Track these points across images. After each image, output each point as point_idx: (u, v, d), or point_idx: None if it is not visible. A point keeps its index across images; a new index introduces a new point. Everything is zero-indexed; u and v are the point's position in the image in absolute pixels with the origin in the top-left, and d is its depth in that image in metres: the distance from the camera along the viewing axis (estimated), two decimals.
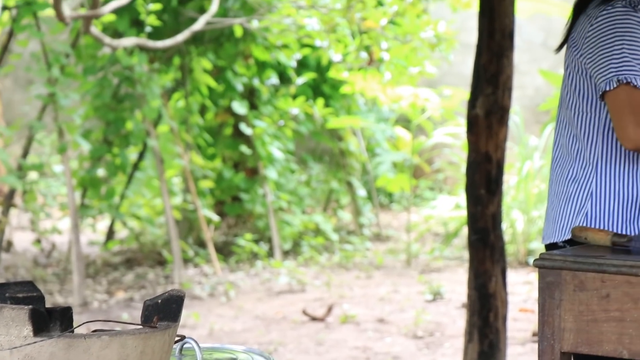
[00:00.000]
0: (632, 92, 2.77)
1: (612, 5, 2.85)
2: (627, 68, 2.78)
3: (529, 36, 10.92)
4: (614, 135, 2.88)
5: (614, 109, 2.80)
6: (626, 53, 2.79)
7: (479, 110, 4.86)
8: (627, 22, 2.82)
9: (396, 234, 9.70)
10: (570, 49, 2.94)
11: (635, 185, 2.90)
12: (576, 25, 2.94)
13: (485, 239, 4.87)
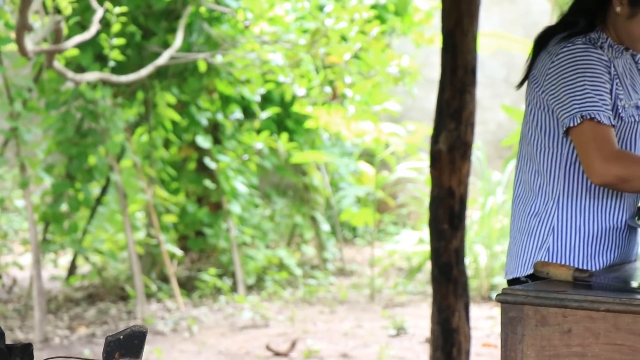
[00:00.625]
0: (596, 127, 2.80)
1: (572, 42, 2.88)
2: (590, 104, 2.81)
3: (491, 72, 11.01)
4: (576, 171, 2.91)
5: (580, 144, 2.83)
6: (588, 89, 2.82)
7: (442, 145, 4.88)
8: (588, 58, 2.85)
9: (360, 268, 9.70)
10: (532, 85, 2.97)
11: (596, 220, 2.92)
12: (537, 62, 2.97)
13: (448, 273, 4.88)
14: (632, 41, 2.94)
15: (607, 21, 2.94)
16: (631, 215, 2.96)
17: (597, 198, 2.92)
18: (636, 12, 2.88)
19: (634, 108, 2.92)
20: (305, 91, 8.40)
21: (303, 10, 8.37)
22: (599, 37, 2.92)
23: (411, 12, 9.12)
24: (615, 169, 2.77)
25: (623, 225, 2.93)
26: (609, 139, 2.80)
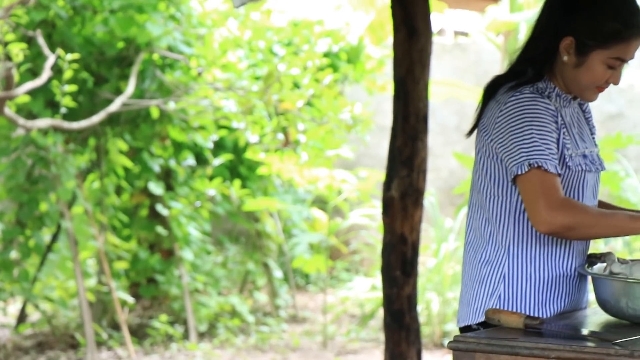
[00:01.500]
0: (543, 175, 2.82)
1: (520, 91, 2.90)
2: (537, 152, 2.83)
3: (443, 120, 11.09)
4: (525, 219, 2.93)
5: (526, 192, 2.85)
6: (536, 138, 2.84)
7: (394, 192, 4.91)
8: (535, 107, 2.88)
9: (312, 315, 9.67)
10: (481, 133, 2.99)
11: (546, 268, 2.94)
12: (486, 111, 2.99)
13: (400, 320, 4.88)
14: (580, 90, 2.97)
15: (555, 70, 2.97)
16: (581, 262, 2.98)
17: (548, 246, 2.93)
18: (583, 61, 2.91)
19: (581, 157, 2.95)
20: (258, 138, 8.40)
21: (256, 57, 8.40)
22: (547, 86, 2.96)
23: (363, 60, 9.18)
24: (561, 217, 2.79)
25: (573, 272, 2.95)
26: (555, 187, 2.82)
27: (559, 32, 2.92)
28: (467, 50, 11.21)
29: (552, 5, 2.97)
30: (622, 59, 2.90)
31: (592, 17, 2.89)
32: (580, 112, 3.09)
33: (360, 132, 8.29)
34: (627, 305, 2.71)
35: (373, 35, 9.35)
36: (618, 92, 10.47)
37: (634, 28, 2.88)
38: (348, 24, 9.42)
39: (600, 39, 2.88)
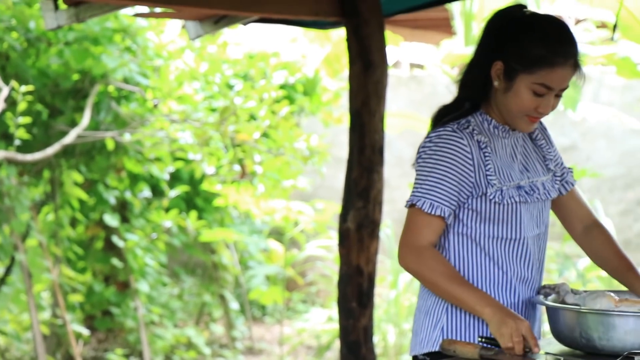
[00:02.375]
0: (415, 214, 2.95)
1: (438, 131, 2.97)
2: (422, 191, 2.93)
3: (399, 151, 11.14)
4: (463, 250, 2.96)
5: (404, 226, 2.98)
6: (430, 178, 2.94)
7: (350, 224, 4.92)
8: (446, 148, 2.95)
9: (269, 347, 9.64)
10: None
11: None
12: None
13: (357, 352, 4.88)
14: (512, 118, 2.99)
15: (491, 100, 3.01)
16: (530, 294, 3.00)
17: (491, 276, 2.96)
18: (510, 86, 2.94)
19: (514, 189, 2.97)
20: (215, 169, 8.39)
21: (212, 89, 8.41)
22: (483, 119, 2.99)
23: (319, 92, 9.21)
24: (409, 261, 2.93)
25: (518, 302, 2.98)
26: (420, 228, 2.92)
27: (492, 58, 2.96)
28: (423, 82, 11.29)
29: (487, 34, 3.01)
30: (547, 86, 2.91)
31: (520, 42, 2.92)
32: (527, 142, 3.11)
33: (317, 164, 8.31)
34: (581, 335, 2.73)
35: (329, 67, 9.39)
36: (571, 125, 10.58)
37: (559, 56, 2.90)
38: (304, 56, 9.45)
39: (525, 63, 2.90)
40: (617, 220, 10.23)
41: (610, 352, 2.68)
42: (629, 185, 10.60)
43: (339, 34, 9.16)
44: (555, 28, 2.94)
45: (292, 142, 8.14)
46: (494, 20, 3.01)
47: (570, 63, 2.91)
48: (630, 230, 10.55)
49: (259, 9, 4.97)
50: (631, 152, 10.58)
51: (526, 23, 2.95)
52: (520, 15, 2.97)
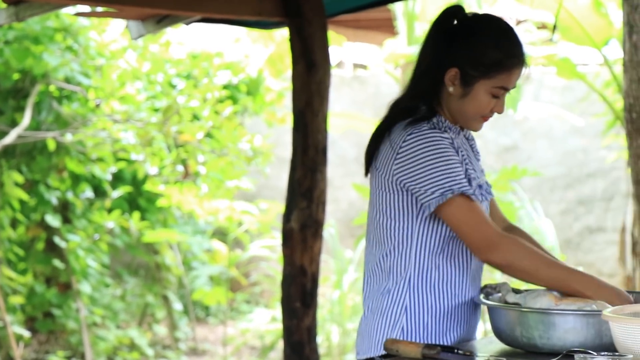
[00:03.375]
0: (469, 204, 2.86)
1: (417, 127, 2.92)
2: (456, 181, 2.86)
3: (342, 151, 11.16)
4: (425, 250, 2.96)
5: (457, 222, 2.88)
6: (449, 168, 2.86)
7: (293, 224, 4.92)
8: (438, 140, 2.90)
9: (212, 347, 9.61)
10: (377, 171, 3.00)
11: (445, 298, 2.97)
12: (381, 149, 3.00)
13: (300, 352, 4.88)
14: (466, 120, 3.01)
15: (442, 102, 3.01)
16: (477, 292, 3.03)
17: (448, 276, 2.97)
18: (468, 92, 2.95)
19: (478, 187, 3.00)
20: (158, 169, 8.36)
21: (154, 89, 8.37)
22: (439, 121, 2.99)
23: (263, 92, 9.21)
24: (505, 252, 2.85)
25: (470, 301, 3.00)
26: (486, 216, 2.87)
27: (444, 63, 2.96)
28: (366, 82, 11.32)
29: (435, 38, 3.01)
30: (504, 87, 2.95)
31: (475, 48, 2.93)
32: (466, 143, 3.14)
33: (261, 164, 8.30)
34: (522, 334, 2.75)
35: (272, 67, 9.38)
36: (513, 125, 10.67)
37: (514, 57, 2.93)
38: (247, 56, 9.44)
39: (483, 69, 2.92)
40: (557, 220, 10.34)
41: (551, 350, 2.71)
42: (569, 184, 10.72)
43: (282, 34, 9.16)
44: (505, 30, 2.97)
45: (236, 142, 8.13)
46: (440, 24, 3.01)
47: (522, 63, 2.95)
48: (571, 229, 10.67)
49: (201, 8, 4.95)
50: (571, 152, 10.70)
51: (475, 27, 2.96)
52: (466, 18, 2.98)
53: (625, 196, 9.05)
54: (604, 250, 10.46)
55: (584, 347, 2.64)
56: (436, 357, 2.69)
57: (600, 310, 2.70)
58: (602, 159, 10.52)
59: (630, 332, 2.42)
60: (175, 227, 9.50)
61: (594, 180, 10.67)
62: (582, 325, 2.68)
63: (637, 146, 5.39)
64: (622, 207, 9.90)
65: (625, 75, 5.41)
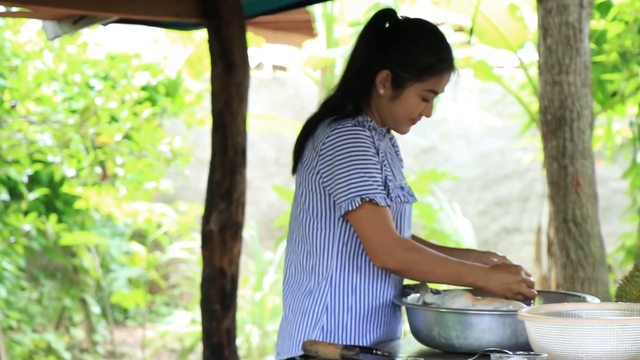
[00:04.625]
0: (375, 210, 2.87)
1: (341, 124, 2.94)
2: (366, 186, 2.87)
3: (262, 153, 11.16)
4: (347, 250, 2.97)
5: (360, 228, 2.89)
6: (362, 172, 2.87)
7: (213, 225, 4.91)
8: (359, 140, 2.91)
9: (131, 350, 9.54)
10: (302, 169, 3.01)
11: (366, 298, 2.98)
12: (306, 146, 3.01)
13: (220, 354, 4.87)
14: (395, 122, 3.03)
15: (371, 104, 3.03)
16: (397, 293, 3.05)
17: (369, 276, 2.98)
18: (399, 94, 2.98)
19: (399, 189, 3.02)
20: (75, 171, 8.26)
21: (72, 91, 8.28)
22: (365, 120, 3.01)
23: (182, 94, 9.16)
24: (400, 256, 2.86)
25: (390, 302, 3.02)
26: (388, 222, 2.88)
27: (375, 65, 2.98)
28: (285, 84, 11.33)
29: (367, 40, 3.03)
30: (435, 91, 2.99)
31: (407, 51, 2.96)
32: (391, 146, 3.16)
33: (180, 166, 8.26)
34: (439, 334, 2.78)
35: (191, 69, 9.35)
36: (431, 127, 10.76)
37: (445, 62, 2.97)
38: (166, 57, 9.39)
39: (415, 73, 2.95)
40: (475, 221, 10.46)
41: (468, 350, 2.73)
42: (487, 185, 10.85)
43: (201, 35, 9.13)
44: (436, 34, 3.00)
45: (155, 144, 8.08)
46: (372, 27, 3.02)
47: (452, 67, 2.99)
48: (488, 230, 10.79)
49: (118, 9, 4.91)
50: (488, 154, 10.83)
51: (408, 31, 2.99)
52: (399, 22, 3.01)
53: (541, 197, 9.19)
54: (520, 251, 10.60)
55: (501, 346, 2.68)
56: (355, 358, 2.70)
57: (516, 310, 2.74)
58: (518, 160, 10.66)
59: (545, 331, 2.45)
60: (93, 230, 9.41)
61: (511, 182, 10.81)
62: (498, 325, 2.72)
63: (552, 148, 5.48)
64: (537, 208, 10.04)
65: (540, 78, 5.50)
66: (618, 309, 2.65)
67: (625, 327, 2.40)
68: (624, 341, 2.39)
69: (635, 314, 2.61)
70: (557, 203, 5.50)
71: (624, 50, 6.28)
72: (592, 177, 5.51)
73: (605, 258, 5.58)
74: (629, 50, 6.27)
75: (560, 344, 2.43)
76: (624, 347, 2.40)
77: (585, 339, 2.40)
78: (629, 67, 6.23)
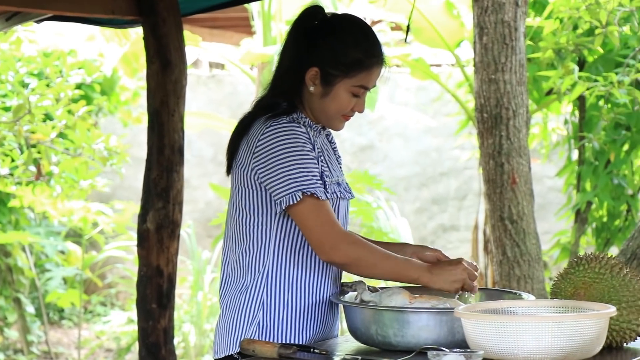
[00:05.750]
0: (317, 204, 2.88)
1: (276, 121, 2.94)
2: (306, 181, 2.87)
3: (199, 151, 11.11)
4: (284, 247, 2.97)
5: (303, 222, 2.89)
6: (301, 166, 2.88)
7: (149, 224, 4.87)
8: (295, 135, 2.91)
9: (67, 351, 9.45)
10: (237, 166, 3.01)
11: (303, 295, 2.98)
12: (241, 145, 3.01)
13: (156, 353, 4.84)
14: (327, 119, 3.04)
15: (304, 101, 3.04)
16: (335, 290, 3.05)
17: (305, 273, 2.98)
18: (329, 91, 2.99)
19: (335, 185, 3.02)
20: (9, 170, 8.16)
21: (5, 88, 8.17)
22: (299, 117, 3.01)
23: (118, 92, 9.09)
24: (346, 251, 2.87)
25: (327, 300, 3.02)
26: (332, 216, 2.89)
27: (304, 63, 2.98)
28: (223, 82, 11.29)
29: (296, 37, 3.03)
30: (365, 86, 3.00)
31: (334, 48, 2.97)
32: (327, 143, 3.16)
33: (116, 164, 8.19)
34: (377, 332, 2.78)
35: (127, 66, 9.27)
36: (368, 125, 10.79)
37: (373, 57, 2.99)
38: (102, 55, 9.31)
39: (343, 69, 2.96)
40: (412, 219, 10.51)
41: (405, 348, 2.74)
42: (424, 184, 10.91)
43: (137, 32, 9.06)
44: (364, 30, 3.02)
45: (90, 142, 8.00)
46: (300, 24, 3.03)
47: (381, 62, 2.99)
48: (425, 228, 10.85)
49: (52, 6, 4.85)
50: (426, 152, 10.88)
51: (335, 27, 3.00)
52: (325, 19, 3.01)
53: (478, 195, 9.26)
54: (457, 248, 10.68)
55: (437, 344, 2.68)
56: (292, 357, 2.69)
57: (453, 307, 2.75)
58: (455, 158, 10.73)
59: (481, 328, 2.47)
60: (27, 229, 9.30)
61: (448, 180, 10.88)
62: (435, 323, 2.73)
63: (488, 146, 5.52)
64: (474, 206, 10.13)
65: (476, 76, 5.54)
66: (553, 306, 2.68)
67: (559, 324, 2.42)
68: (558, 338, 2.42)
69: (570, 311, 2.63)
70: (494, 201, 5.54)
71: (560, 48, 6.35)
72: (528, 175, 5.56)
73: (541, 255, 5.63)
74: (564, 47, 6.34)
75: (496, 341, 2.44)
76: (559, 343, 2.42)
77: (521, 335, 2.42)
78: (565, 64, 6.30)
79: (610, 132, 6.76)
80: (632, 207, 6.89)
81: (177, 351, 5.49)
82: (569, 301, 2.69)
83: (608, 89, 6.09)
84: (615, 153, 6.77)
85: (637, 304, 2.79)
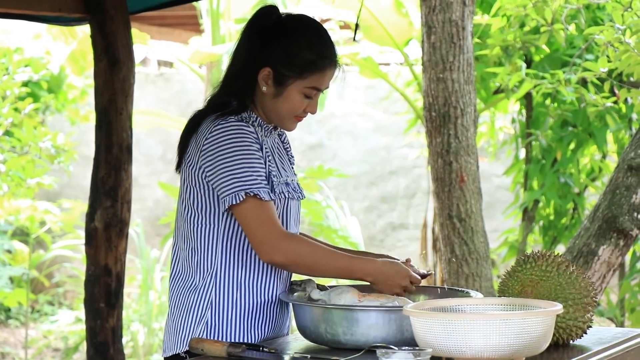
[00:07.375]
0: (259, 204, 2.88)
1: (225, 120, 2.93)
2: (250, 181, 2.87)
3: (148, 149, 11.05)
4: (233, 245, 2.97)
5: (245, 222, 2.89)
6: (246, 166, 2.88)
7: (97, 223, 4.85)
8: (242, 135, 2.91)
9: (13, 350, 9.37)
10: (185, 164, 3.00)
11: (252, 294, 2.98)
12: (190, 142, 3.00)
13: (105, 353, 4.82)
14: (280, 119, 3.04)
15: (255, 101, 3.03)
16: (284, 290, 3.05)
17: (254, 272, 2.98)
18: (281, 91, 2.99)
19: (284, 185, 3.02)
20: None
21: None
22: (250, 116, 3.01)
23: (65, 90, 9.02)
24: (284, 250, 2.87)
25: (277, 299, 3.02)
26: (273, 216, 2.89)
27: (257, 63, 2.98)
28: (171, 80, 11.25)
29: (249, 37, 3.03)
30: (317, 88, 3.00)
31: (287, 48, 2.97)
32: (280, 143, 3.17)
33: (64, 162, 8.13)
34: (326, 330, 2.79)
35: (75, 64, 9.21)
36: (318, 123, 10.80)
37: (327, 59, 2.99)
38: (48, 52, 9.23)
39: (296, 70, 2.96)
40: (361, 217, 10.54)
41: (354, 346, 2.75)
42: (373, 182, 10.94)
43: (84, 30, 9.00)
44: (317, 31, 3.02)
45: (37, 140, 7.94)
46: (254, 24, 3.02)
47: (335, 64, 3.00)
48: (374, 226, 10.88)
49: None
50: (374, 150, 10.91)
51: (289, 28, 2.99)
52: (280, 19, 3.01)
53: (427, 193, 9.30)
54: (406, 247, 10.72)
55: (386, 342, 2.69)
56: (241, 355, 2.69)
57: (402, 306, 2.76)
58: (404, 156, 10.78)
59: (430, 326, 2.48)
60: None
61: (397, 178, 10.92)
62: (384, 321, 2.74)
63: (436, 144, 5.55)
64: (423, 204, 10.17)
65: (424, 75, 5.56)
66: (501, 304, 2.70)
67: (507, 321, 2.44)
68: (506, 335, 2.43)
69: (517, 308, 2.65)
70: (442, 199, 5.57)
71: (507, 45, 6.40)
72: (476, 173, 5.60)
73: (489, 253, 5.67)
74: (512, 44, 6.39)
75: (444, 339, 2.46)
76: (507, 341, 2.44)
77: (469, 333, 2.43)
78: (512, 62, 6.35)
79: (557, 130, 6.82)
80: (578, 206, 6.96)
81: (125, 350, 5.48)
82: (517, 299, 2.71)
83: (555, 87, 6.15)
84: (562, 151, 6.83)
85: (583, 301, 2.82)
